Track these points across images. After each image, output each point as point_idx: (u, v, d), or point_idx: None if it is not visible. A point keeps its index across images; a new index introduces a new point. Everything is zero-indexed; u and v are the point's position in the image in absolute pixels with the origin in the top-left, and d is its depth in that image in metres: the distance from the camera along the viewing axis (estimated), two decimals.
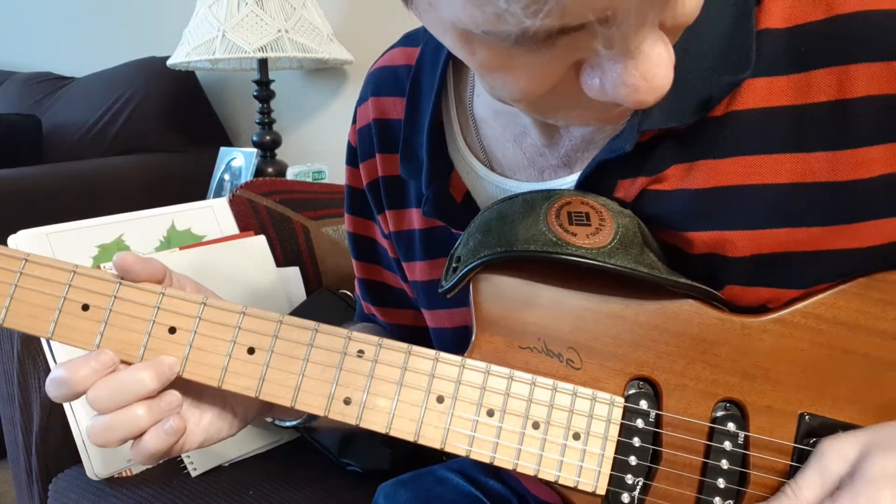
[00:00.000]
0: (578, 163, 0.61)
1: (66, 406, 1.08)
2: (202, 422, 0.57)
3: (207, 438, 0.58)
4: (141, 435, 0.53)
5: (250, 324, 0.54)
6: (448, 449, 0.53)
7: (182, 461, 1.13)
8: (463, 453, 0.53)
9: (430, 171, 0.65)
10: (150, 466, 1.12)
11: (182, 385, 0.55)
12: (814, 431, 0.53)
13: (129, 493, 1.09)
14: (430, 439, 0.53)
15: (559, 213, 0.54)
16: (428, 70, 0.69)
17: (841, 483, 0.49)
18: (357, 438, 1.13)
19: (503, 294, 0.55)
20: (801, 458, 0.53)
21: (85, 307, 0.54)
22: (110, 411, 0.51)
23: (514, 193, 0.58)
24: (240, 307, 0.54)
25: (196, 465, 1.13)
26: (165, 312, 0.54)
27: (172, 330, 0.54)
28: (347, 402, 0.53)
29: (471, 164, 0.67)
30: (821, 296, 0.55)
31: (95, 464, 1.09)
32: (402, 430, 0.53)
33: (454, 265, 0.56)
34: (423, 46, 0.71)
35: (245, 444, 1.19)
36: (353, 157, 0.79)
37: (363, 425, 0.53)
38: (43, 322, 0.54)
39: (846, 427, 0.53)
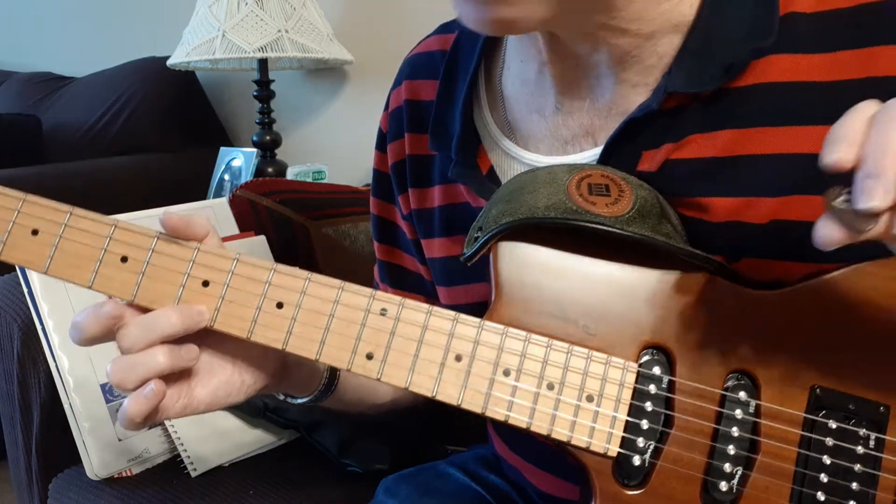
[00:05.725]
0: (601, 133, 0.64)
1: (66, 406, 1.08)
2: (211, 384, 0.59)
3: (214, 401, 0.59)
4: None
5: (280, 280, 0.56)
6: (465, 406, 0.54)
7: (182, 461, 1.13)
8: (479, 410, 0.54)
9: (462, 138, 0.69)
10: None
11: (199, 344, 0.58)
12: (824, 404, 0.54)
13: (129, 493, 1.09)
14: (448, 395, 0.54)
15: (580, 184, 0.56)
16: (465, 52, 0.74)
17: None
18: (357, 439, 1.13)
19: (523, 260, 0.57)
20: (812, 428, 0.54)
21: (124, 259, 0.56)
22: (135, 350, 0.54)
23: (536, 167, 0.61)
24: (270, 264, 0.56)
25: (196, 465, 1.13)
26: (200, 266, 0.57)
27: (206, 283, 0.56)
28: (370, 357, 0.55)
29: (496, 138, 0.71)
30: (835, 273, 0.56)
31: (95, 464, 1.09)
32: (421, 386, 0.54)
33: (476, 235, 0.59)
34: (458, 32, 0.76)
35: (245, 444, 1.18)
36: (382, 142, 0.83)
37: (384, 380, 0.54)
38: (84, 272, 0.56)
39: (857, 400, 0.54)
